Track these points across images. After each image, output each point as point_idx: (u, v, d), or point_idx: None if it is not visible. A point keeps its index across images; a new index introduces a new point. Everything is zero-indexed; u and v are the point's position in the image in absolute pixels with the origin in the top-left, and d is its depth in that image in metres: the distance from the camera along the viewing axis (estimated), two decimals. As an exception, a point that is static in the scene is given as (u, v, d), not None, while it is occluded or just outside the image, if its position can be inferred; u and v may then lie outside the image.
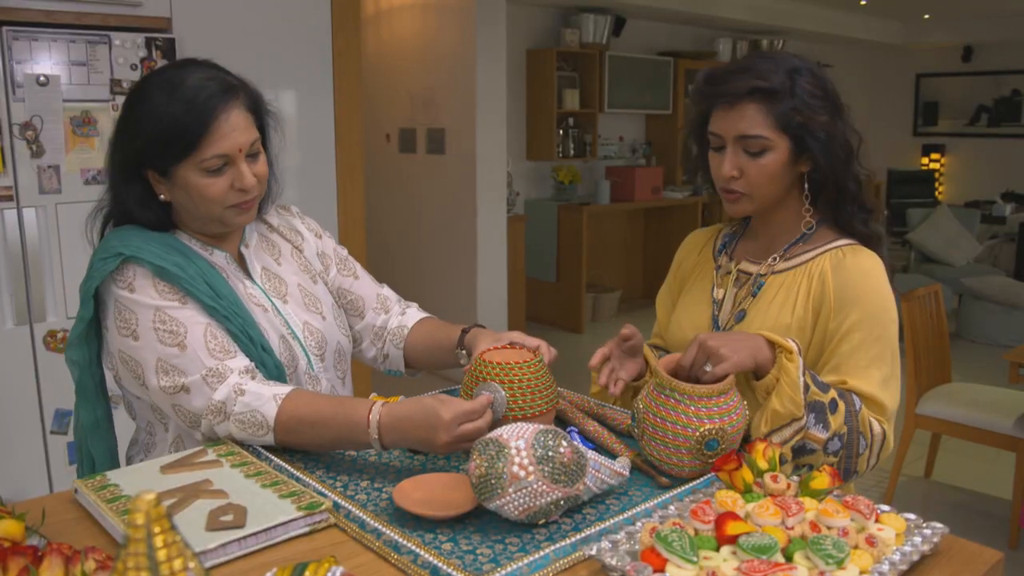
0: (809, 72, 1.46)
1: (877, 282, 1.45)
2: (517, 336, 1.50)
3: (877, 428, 1.41)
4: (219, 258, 1.53)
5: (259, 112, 1.50)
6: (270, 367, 1.47)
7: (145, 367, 1.39)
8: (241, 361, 1.41)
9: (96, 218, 1.55)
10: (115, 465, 1.56)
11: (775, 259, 1.55)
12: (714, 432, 1.25)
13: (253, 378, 1.40)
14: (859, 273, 1.45)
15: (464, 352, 1.61)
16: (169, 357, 1.38)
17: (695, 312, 1.63)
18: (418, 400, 1.31)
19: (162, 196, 1.45)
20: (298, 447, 1.38)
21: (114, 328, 1.42)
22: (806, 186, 1.51)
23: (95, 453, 1.53)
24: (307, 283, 1.63)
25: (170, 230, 1.50)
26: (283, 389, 1.38)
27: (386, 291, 1.78)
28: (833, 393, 1.36)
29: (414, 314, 1.76)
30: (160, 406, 1.43)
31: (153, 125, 1.38)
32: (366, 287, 1.75)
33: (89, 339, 1.47)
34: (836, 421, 1.35)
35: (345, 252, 1.77)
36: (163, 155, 1.40)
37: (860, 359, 1.43)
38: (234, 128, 1.40)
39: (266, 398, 1.35)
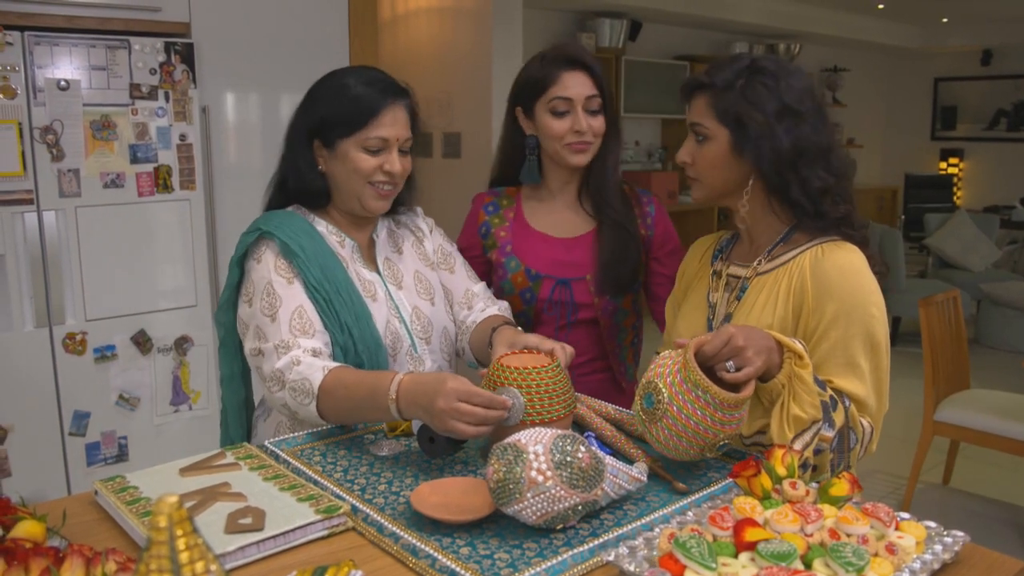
0: (770, 74, 1.48)
1: (855, 278, 1.44)
2: (534, 340, 1.52)
3: (866, 424, 1.43)
4: (347, 247, 1.70)
5: (415, 121, 1.70)
6: (351, 353, 1.59)
7: (249, 330, 1.59)
8: (314, 342, 1.54)
9: (268, 191, 1.75)
10: (242, 415, 1.79)
11: (760, 261, 1.56)
12: (729, 437, 1.26)
13: (316, 356, 1.52)
14: (836, 270, 1.45)
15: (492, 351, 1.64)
16: (263, 324, 1.56)
17: (692, 318, 1.64)
18: (438, 372, 1.41)
19: (320, 167, 1.66)
20: (333, 417, 1.48)
21: (243, 296, 1.63)
22: (751, 181, 1.52)
23: (226, 402, 1.76)
24: (424, 271, 1.79)
25: (324, 204, 1.70)
26: (333, 364, 1.51)
27: (477, 288, 1.86)
28: (829, 390, 1.37)
29: (490, 311, 1.82)
30: (251, 366, 1.62)
31: (337, 99, 1.62)
32: (458, 282, 1.85)
33: (234, 303, 1.67)
34: (839, 418, 1.36)
35: (451, 248, 1.89)
36: (337, 126, 1.62)
37: (839, 357, 1.43)
38: (396, 121, 1.63)
39: (316, 368, 1.49)
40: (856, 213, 1.52)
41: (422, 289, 1.75)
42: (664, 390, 1.27)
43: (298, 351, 1.51)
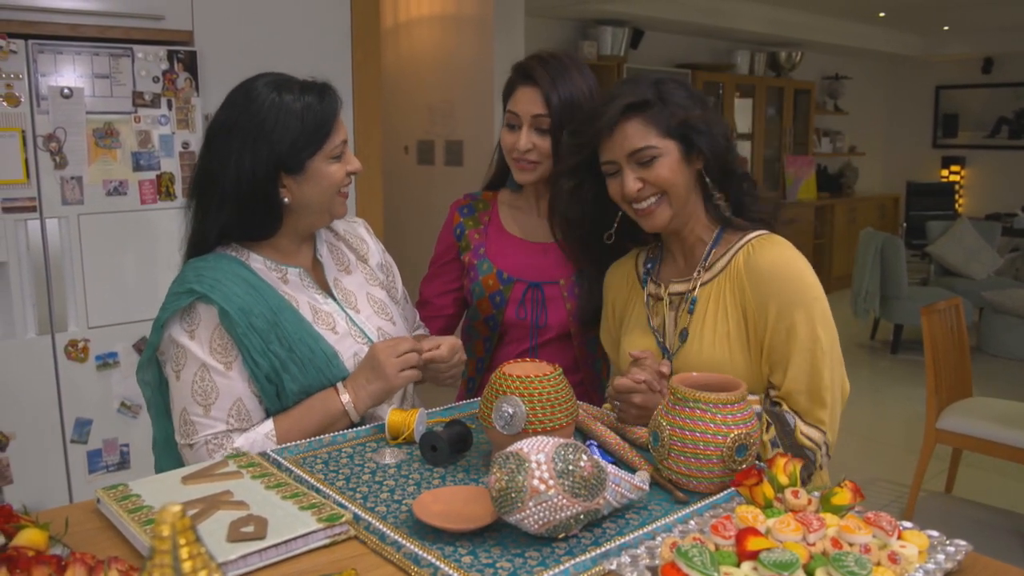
0: (672, 80, 1.55)
1: (788, 270, 1.49)
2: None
3: (816, 435, 1.48)
4: (292, 278, 1.59)
5: None
6: None
7: (173, 409, 1.51)
8: (247, 433, 1.50)
9: (191, 241, 1.61)
10: None
11: (699, 272, 1.57)
12: (743, 437, 1.26)
13: (245, 431, 1.49)
14: (768, 266, 1.49)
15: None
16: (191, 413, 1.47)
17: (641, 343, 1.64)
18: (365, 358, 1.55)
19: (286, 199, 1.53)
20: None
21: (170, 361, 1.52)
22: (707, 180, 1.55)
23: (161, 468, 1.59)
24: (375, 291, 1.71)
25: (270, 235, 1.58)
26: (267, 425, 1.50)
27: (410, 317, 1.87)
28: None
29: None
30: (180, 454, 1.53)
31: (298, 120, 1.49)
32: (410, 311, 1.85)
33: (158, 362, 1.55)
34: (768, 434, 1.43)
35: (393, 266, 1.85)
36: (305, 147, 1.50)
37: (790, 351, 1.48)
38: (341, 121, 1.57)
39: (260, 442, 1.47)
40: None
41: (378, 309, 1.68)
42: (662, 420, 1.31)
43: (229, 443, 1.46)
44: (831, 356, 1.49)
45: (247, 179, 1.48)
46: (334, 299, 1.63)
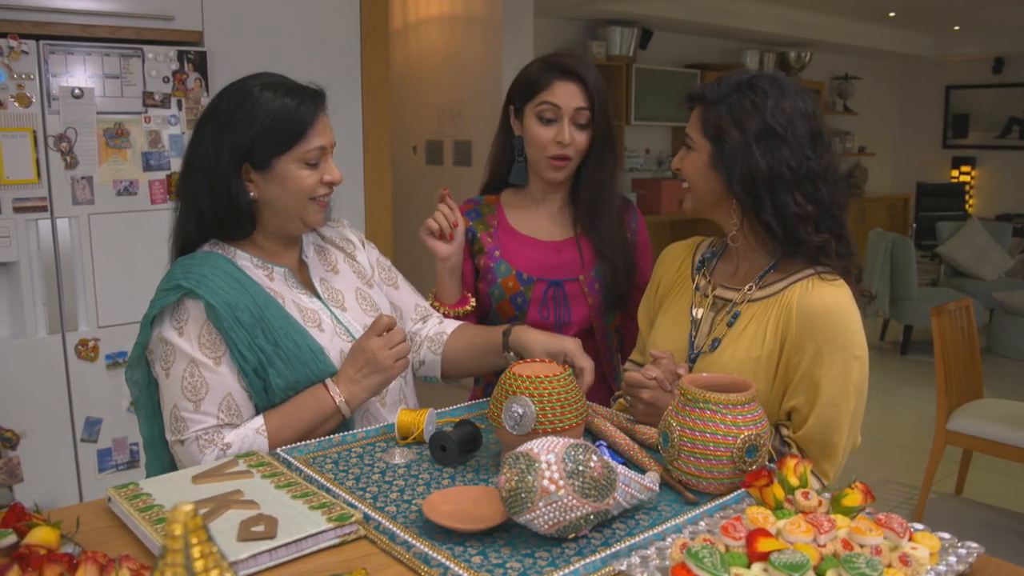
0: (762, 93, 1.47)
1: (839, 318, 1.44)
2: (571, 346, 1.56)
3: (815, 486, 1.47)
4: (278, 277, 1.59)
5: None
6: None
7: (163, 406, 1.50)
8: (238, 430, 1.48)
9: (176, 234, 1.60)
10: None
11: (751, 288, 1.55)
12: (753, 438, 1.26)
13: (236, 427, 1.48)
14: (821, 307, 1.44)
15: (511, 355, 1.65)
16: (182, 409, 1.46)
17: (673, 332, 1.63)
18: (352, 351, 1.53)
19: (252, 194, 1.52)
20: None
21: (158, 359, 1.51)
22: (735, 200, 1.52)
23: (151, 469, 1.58)
24: (363, 287, 1.70)
25: (249, 233, 1.57)
26: (257, 421, 1.48)
27: (424, 303, 1.84)
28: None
29: (453, 323, 1.80)
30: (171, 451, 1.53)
31: (264, 115, 1.48)
32: (404, 297, 1.81)
33: (146, 361, 1.55)
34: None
35: (388, 263, 1.84)
36: (274, 143, 1.49)
37: (816, 400, 1.44)
38: (327, 127, 1.55)
39: (251, 437, 1.46)
40: (843, 243, 1.50)
41: (367, 307, 1.67)
42: (672, 420, 1.31)
43: (220, 439, 1.45)
44: (854, 416, 1.46)
45: (213, 167, 1.50)
46: (319, 298, 1.62)
